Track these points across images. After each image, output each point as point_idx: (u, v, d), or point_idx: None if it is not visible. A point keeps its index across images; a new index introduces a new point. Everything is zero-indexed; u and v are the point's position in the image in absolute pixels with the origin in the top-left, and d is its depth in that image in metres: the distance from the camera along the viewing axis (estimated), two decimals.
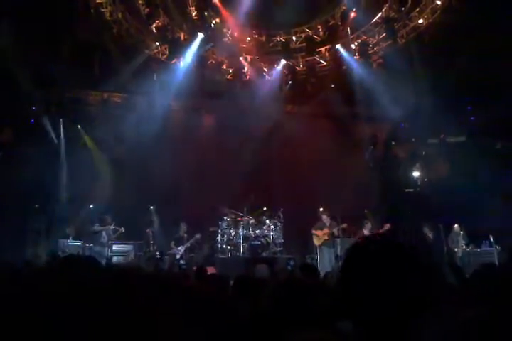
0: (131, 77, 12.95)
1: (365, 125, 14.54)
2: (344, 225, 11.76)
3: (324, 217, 11.83)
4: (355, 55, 13.67)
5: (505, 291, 2.11)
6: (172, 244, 11.61)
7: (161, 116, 13.67)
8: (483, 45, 10.85)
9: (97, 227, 11.17)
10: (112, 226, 11.22)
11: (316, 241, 11.79)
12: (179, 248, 11.44)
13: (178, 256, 11.36)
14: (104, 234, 11.04)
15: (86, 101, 13.36)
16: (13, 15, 10.42)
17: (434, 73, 11.97)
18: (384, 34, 13.16)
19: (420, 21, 12.56)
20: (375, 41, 13.49)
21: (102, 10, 12.03)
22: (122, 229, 11.37)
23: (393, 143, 14.88)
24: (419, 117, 12.81)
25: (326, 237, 11.61)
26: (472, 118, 13.44)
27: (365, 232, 11.65)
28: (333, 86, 14.17)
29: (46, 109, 12.54)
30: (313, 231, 11.85)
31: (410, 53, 12.57)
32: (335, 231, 11.62)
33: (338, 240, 11.55)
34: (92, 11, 11.84)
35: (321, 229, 11.77)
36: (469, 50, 10.96)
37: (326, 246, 11.58)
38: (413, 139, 14.53)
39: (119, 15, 12.38)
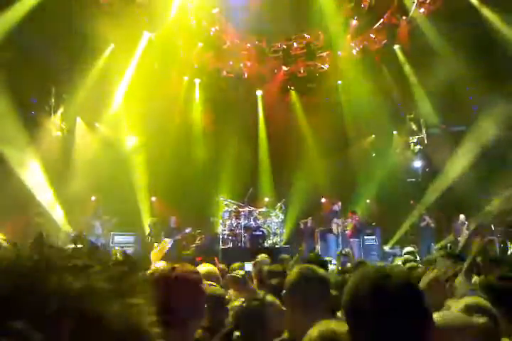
0: None
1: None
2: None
3: (336, 207, 11.63)
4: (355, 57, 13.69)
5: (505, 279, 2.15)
6: (162, 234, 11.54)
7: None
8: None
9: (90, 218, 11.18)
10: (106, 217, 11.23)
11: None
12: (169, 240, 11.33)
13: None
14: (98, 225, 11.06)
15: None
16: None
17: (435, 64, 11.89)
18: (385, 40, 13.18)
19: (421, 10, 12.44)
20: (376, 46, 13.48)
21: None
22: (115, 220, 11.40)
23: (395, 132, 14.86)
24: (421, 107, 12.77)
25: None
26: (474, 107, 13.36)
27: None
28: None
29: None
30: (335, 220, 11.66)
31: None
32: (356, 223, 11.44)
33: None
34: None
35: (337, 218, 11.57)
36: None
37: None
38: (415, 128, 14.50)
39: None
